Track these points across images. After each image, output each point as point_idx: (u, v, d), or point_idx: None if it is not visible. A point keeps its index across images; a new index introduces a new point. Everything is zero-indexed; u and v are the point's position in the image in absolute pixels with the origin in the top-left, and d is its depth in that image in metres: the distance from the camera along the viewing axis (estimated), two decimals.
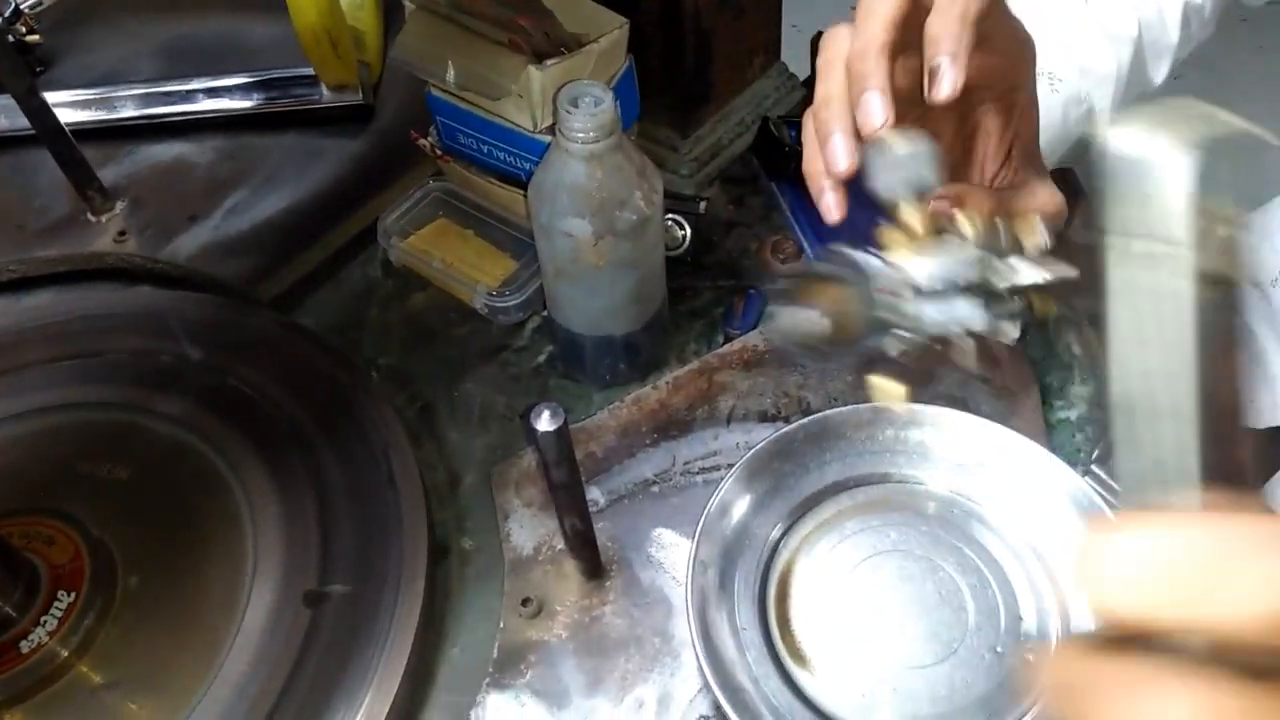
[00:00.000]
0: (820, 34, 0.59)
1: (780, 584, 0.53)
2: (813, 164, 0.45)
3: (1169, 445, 0.27)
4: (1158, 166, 0.25)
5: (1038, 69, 0.51)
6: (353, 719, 0.49)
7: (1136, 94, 0.65)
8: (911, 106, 0.48)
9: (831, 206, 0.44)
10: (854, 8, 0.48)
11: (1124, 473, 0.27)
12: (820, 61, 0.46)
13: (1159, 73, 0.66)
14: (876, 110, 0.43)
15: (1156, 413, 0.27)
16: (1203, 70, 2.06)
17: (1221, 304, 0.27)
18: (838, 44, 0.45)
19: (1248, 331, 0.74)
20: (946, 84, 0.42)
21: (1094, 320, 0.66)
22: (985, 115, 0.48)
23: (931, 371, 0.62)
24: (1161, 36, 0.64)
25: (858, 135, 0.44)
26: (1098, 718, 0.24)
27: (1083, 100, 0.60)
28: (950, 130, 0.51)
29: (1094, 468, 0.59)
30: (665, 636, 0.53)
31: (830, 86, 0.45)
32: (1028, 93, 0.48)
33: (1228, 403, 0.29)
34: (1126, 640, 0.25)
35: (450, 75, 0.66)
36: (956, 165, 0.51)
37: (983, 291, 0.41)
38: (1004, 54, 0.45)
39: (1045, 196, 0.49)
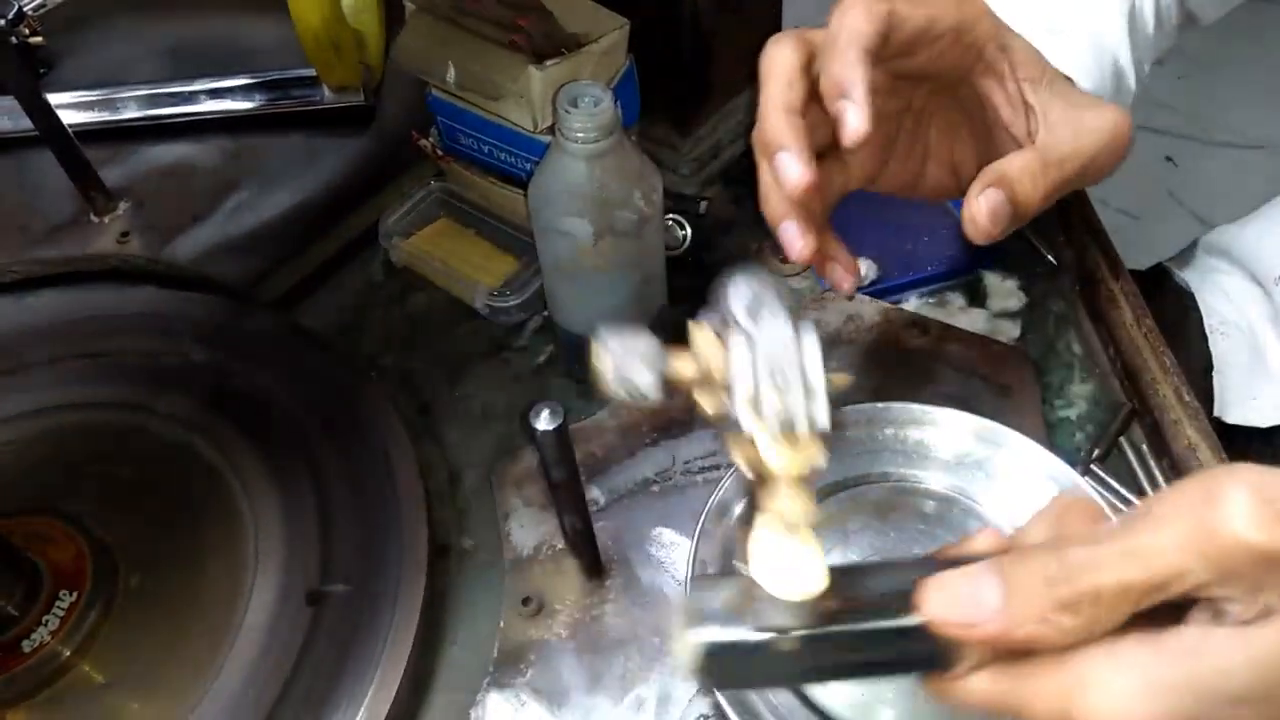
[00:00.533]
0: None
1: None
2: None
3: None
4: None
5: (1048, 27, 0.49)
6: (354, 718, 0.49)
7: (1146, 56, 0.61)
8: (888, 128, 0.48)
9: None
10: None
11: None
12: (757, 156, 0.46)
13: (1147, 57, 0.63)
14: (790, 168, 0.42)
15: None
16: (1203, 70, 2.06)
17: None
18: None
19: (1248, 330, 0.73)
20: (849, 128, 0.41)
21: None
22: (979, 87, 0.47)
23: (931, 370, 0.62)
24: (1141, 13, 0.61)
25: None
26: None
27: (1104, 48, 0.57)
28: (959, 120, 0.50)
29: (1094, 466, 0.59)
30: (665, 636, 0.53)
31: (763, 175, 0.45)
32: (999, 41, 0.46)
33: None
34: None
35: (451, 76, 0.66)
36: (990, 142, 0.50)
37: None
38: (944, 38, 0.44)
39: (1094, 120, 0.45)
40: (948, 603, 0.31)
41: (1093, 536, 0.30)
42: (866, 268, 0.67)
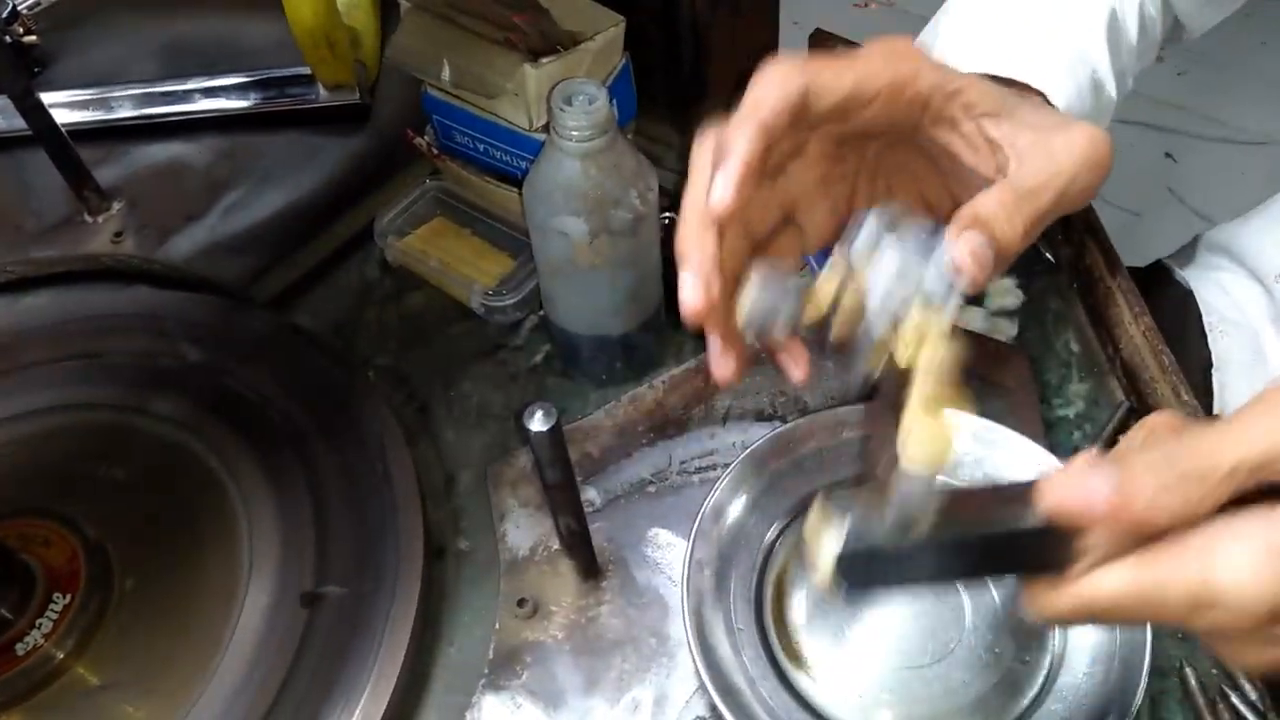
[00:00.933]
0: (817, 30, 0.54)
1: (776, 584, 0.53)
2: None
3: None
4: None
5: (1046, 29, 0.47)
6: None
7: (1129, 66, 0.59)
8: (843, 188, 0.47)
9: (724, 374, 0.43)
10: (854, 3, 0.45)
11: None
12: None
13: (1130, 68, 0.61)
14: (688, 294, 0.40)
15: None
16: (1206, 67, 2.06)
17: None
18: None
19: (1249, 328, 0.73)
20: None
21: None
22: (933, 136, 0.44)
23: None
24: (1123, 22, 0.59)
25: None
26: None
27: (1082, 60, 0.53)
28: (921, 166, 0.47)
29: None
30: (661, 637, 0.53)
31: None
32: (945, 89, 0.43)
33: None
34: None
35: (446, 74, 0.66)
36: (961, 182, 0.46)
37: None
38: (878, 98, 0.42)
39: (1065, 142, 0.42)
40: (1063, 492, 0.34)
41: (1192, 433, 0.34)
42: None
